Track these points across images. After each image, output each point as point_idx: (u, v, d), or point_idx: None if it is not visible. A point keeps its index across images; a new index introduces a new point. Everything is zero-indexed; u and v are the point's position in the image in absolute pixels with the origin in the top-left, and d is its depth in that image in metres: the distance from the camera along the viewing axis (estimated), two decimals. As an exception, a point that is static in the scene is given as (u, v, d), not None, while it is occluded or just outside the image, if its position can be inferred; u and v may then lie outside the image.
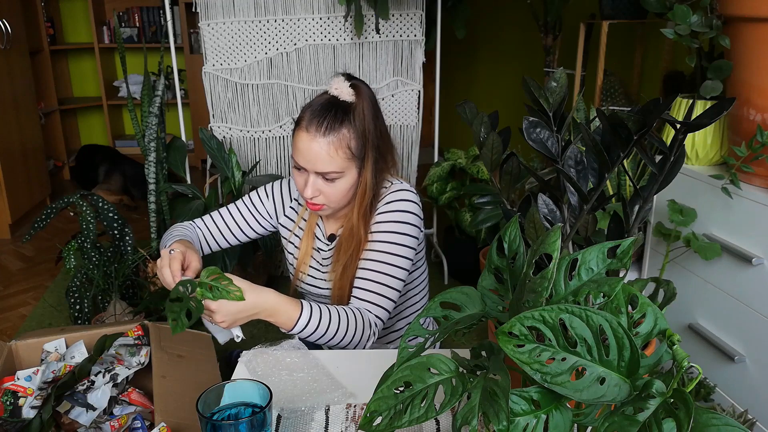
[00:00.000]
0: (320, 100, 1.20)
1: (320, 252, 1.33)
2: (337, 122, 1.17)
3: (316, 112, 1.17)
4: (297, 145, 1.19)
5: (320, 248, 1.33)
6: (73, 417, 1.31)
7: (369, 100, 1.22)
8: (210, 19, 2.45)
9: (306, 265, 1.34)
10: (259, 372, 1.04)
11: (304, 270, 1.35)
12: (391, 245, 1.21)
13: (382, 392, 0.63)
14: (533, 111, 0.78)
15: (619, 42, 2.41)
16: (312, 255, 1.34)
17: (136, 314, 2.22)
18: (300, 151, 1.18)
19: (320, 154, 1.16)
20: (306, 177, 1.19)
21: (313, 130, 1.16)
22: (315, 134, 1.16)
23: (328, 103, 1.18)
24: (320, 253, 1.33)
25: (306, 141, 1.17)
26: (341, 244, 1.26)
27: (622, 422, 0.51)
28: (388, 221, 1.22)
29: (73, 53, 4.67)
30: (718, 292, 1.57)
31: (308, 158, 1.17)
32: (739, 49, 1.47)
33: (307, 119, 1.18)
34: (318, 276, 1.35)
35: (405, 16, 2.59)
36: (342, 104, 1.18)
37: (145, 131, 2.36)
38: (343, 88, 1.19)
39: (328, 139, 1.16)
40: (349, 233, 1.25)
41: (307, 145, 1.17)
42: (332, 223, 1.33)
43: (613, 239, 0.70)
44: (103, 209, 2.33)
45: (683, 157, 0.75)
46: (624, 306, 0.61)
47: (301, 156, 1.18)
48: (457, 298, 0.72)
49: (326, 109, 1.18)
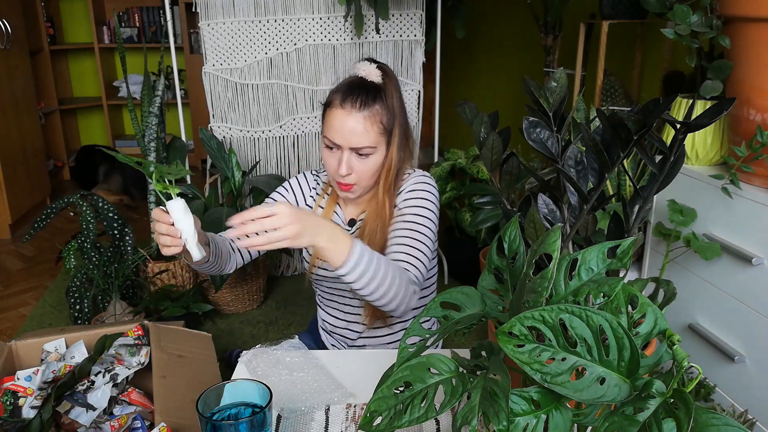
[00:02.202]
0: (350, 80, 1.24)
1: None
2: (370, 98, 1.21)
3: (349, 91, 1.21)
4: (331, 122, 1.21)
5: None
6: (73, 417, 1.31)
7: (395, 80, 1.27)
8: (210, 19, 2.45)
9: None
10: (259, 372, 1.04)
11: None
12: (419, 217, 1.24)
13: (382, 392, 0.63)
14: (533, 111, 0.78)
15: (619, 42, 2.41)
16: None
17: (136, 314, 2.22)
18: (334, 127, 1.20)
19: (356, 128, 1.20)
20: (339, 155, 1.22)
21: (348, 105, 1.20)
22: (351, 109, 1.19)
23: (360, 83, 1.22)
24: None
25: (341, 117, 1.20)
26: (366, 226, 1.29)
27: (622, 422, 0.51)
28: (416, 198, 1.27)
29: (73, 53, 4.67)
30: (718, 292, 1.57)
31: (344, 133, 1.20)
32: (739, 49, 1.47)
33: (340, 97, 1.21)
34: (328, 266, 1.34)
35: (405, 16, 2.59)
36: (372, 84, 1.23)
37: (145, 131, 2.36)
38: (371, 70, 1.24)
39: (363, 113, 1.20)
40: (375, 213, 1.27)
41: (343, 120, 1.20)
42: (351, 209, 1.35)
43: (613, 239, 0.70)
44: (103, 209, 2.33)
45: (683, 157, 0.75)
46: (624, 306, 0.61)
47: (336, 132, 1.20)
48: (457, 298, 0.72)
49: (359, 87, 1.22)
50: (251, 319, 2.52)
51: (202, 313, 2.32)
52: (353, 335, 1.41)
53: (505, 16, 3.44)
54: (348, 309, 1.39)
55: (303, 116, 2.64)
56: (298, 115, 2.63)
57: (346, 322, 1.41)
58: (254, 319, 2.52)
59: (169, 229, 0.96)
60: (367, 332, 1.40)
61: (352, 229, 1.34)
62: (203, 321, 2.43)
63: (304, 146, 2.71)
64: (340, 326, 1.42)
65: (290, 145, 2.69)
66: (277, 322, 2.49)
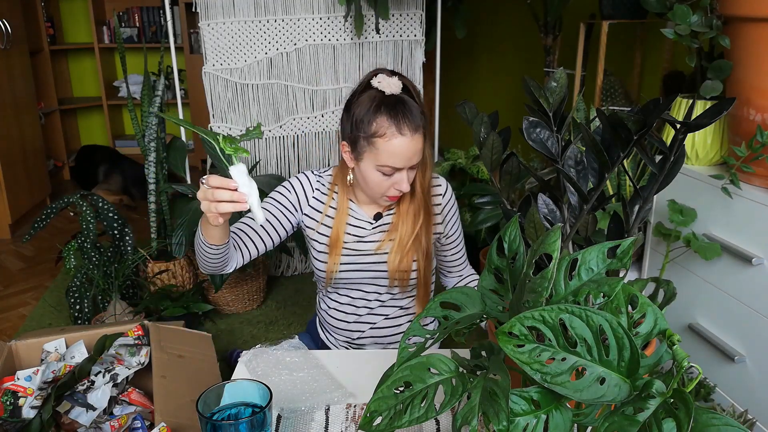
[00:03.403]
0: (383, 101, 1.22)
1: (356, 235, 1.35)
2: (416, 116, 1.22)
3: (397, 116, 1.21)
4: (392, 152, 1.21)
5: (359, 229, 1.35)
6: (73, 417, 1.31)
7: (412, 83, 1.28)
8: (210, 19, 2.45)
9: (339, 249, 1.35)
10: (259, 372, 1.04)
11: (339, 253, 1.36)
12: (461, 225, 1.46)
13: (382, 392, 0.63)
14: (533, 111, 0.78)
15: (619, 42, 2.41)
16: (344, 240, 1.35)
17: (136, 314, 2.22)
18: (398, 155, 1.21)
19: (416, 150, 1.23)
20: (397, 176, 1.24)
21: (407, 131, 1.21)
22: (412, 135, 1.21)
23: (396, 101, 1.22)
24: (356, 236, 1.35)
25: (405, 144, 1.21)
26: (399, 220, 1.33)
27: (622, 422, 0.51)
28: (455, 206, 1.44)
29: (73, 53, 4.67)
30: (718, 292, 1.57)
31: (407, 158, 1.22)
32: (739, 49, 1.47)
33: (393, 125, 1.20)
34: (354, 259, 1.35)
35: (405, 16, 2.59)
36: (404, 97, 1.23)
37: (145, 131, 2.36)
38: (392, 82, 1.23)
39: (419, 132, 1.22)
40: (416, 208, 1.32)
41: (406, 147, 1.21)
42: (370, 206, 1.37)
43: (613, 239, 0.70)
44: (103, 209, 2.33)
45: (683, 157, 0.75)
46: (624, 306, 0.61)
47: (400, 159, 1.22)
48: (457, 298, 0.72)
49: (401, 107, 1.21)
50: (251, 319, 2.52)
51: (202, 313, 2.32)
52: (356, 334, 1.41)
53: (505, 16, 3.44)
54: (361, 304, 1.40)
55: (303, 116, 2.64)
56: (298, 115, 2.63)
57: (356, 316, 1.40)
58: (254, 319, 2.52)
59: (233, 194, 0.94)
60: (369, 331, 1.41)
61: (377, 223, 1.35)
62: (203, 321, 2.43)
63: (304, 146, 2.71)
64: (345, 327, 1.41)
65: (290, 145, 2.69)
66: (277, 322, 2.49)
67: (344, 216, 1.35)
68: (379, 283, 1.37)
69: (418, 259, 1.34)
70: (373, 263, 1.35)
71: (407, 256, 1.33)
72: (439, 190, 1.39)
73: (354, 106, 1.24)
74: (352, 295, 1.40)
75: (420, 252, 1.33)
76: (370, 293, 1.39)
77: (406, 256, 1.32)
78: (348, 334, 1.42)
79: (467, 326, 0.69)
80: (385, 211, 1.36)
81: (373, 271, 1.35)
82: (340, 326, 1.42)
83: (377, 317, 1.40)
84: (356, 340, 1.42)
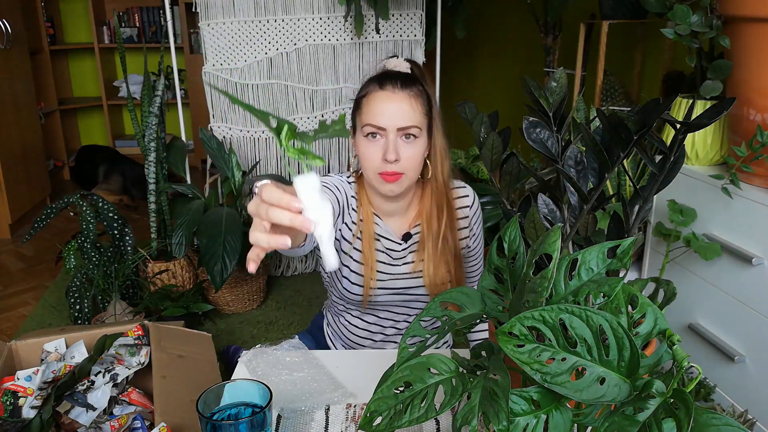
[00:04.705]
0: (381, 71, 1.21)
1: (388, 254, 1.29)
2: (409, 80, 1.19)
3: (386, 76, 1.18)
4: (372, 107, 1.16)
5: (390, 251, 1.29)
6: (73, 417, 1.31)
7: (423, 70, 1.25)
8: (210, 19, 2.45)
9: (374, 268, 1.27)
10: (259, 372, 1.04)
11: (374, 273, 1.28)
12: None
13: (382, 392, 0.63)
14: (533, 111, 0.78)
15: (619, 42, 2.41)
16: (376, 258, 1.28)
17: (136, 314, 2.22)
18: (378, 110, 1.16)
19: (402, 106, 1.16)
20: (384, 142, 1.16)
21: (389, 87, 1.16)
22: (393, 89, 1.16)
23: (393, 72, 1.20)
24: (388, 256, 1.29)
25: (384, 98, 1.16)
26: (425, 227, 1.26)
27: (622, 422, 0.51)
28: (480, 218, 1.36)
29: (73, 53, 4.67)
30: (718, 292, 1.57)
31: (389, 113, 1.15)
32: (739, 49, 1.47)
33: (378, 83, 1.17)
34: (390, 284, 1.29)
35: (405, 16, 2.59)
36: (405, 73, 1.21)
37: (145, 131, 2.36)
38: (399, 62, 1.22)
39: (406, 92, 1.17)
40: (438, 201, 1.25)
41: (387, 100, 1.16)
42: (398, 222, 1.29)
43: (613, 239, 0.70)
44: (103, 209, 2.33)
45: (683, 157, 0.75)
46: (624, 306, 0.61)
47: (381, 114, 1.15)
48: (457, 298, 0.72)
49: (394, 74, 1.19)
50: (251, 319, 2.52)
51: (202, 313, 2.32)
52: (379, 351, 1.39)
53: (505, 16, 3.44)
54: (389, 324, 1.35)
55: (303, 116, 2.64)
56: (298, 115, 2.63)
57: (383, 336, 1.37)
58: (254, 319, 2.52)
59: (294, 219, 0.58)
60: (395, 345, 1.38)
61: (406, 244, 1.28)
62: (203, 321, 2.43)
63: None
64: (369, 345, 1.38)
65: (290, 145, 2.69)
66: (277, 322, 2.49)
67: (371, 227, 1.26)
68: (413, 305, 1.32)
69: (449, 262, 1.26)
70: (409, 288, 1.29)
71: (441, 264, 1.25)
72: (466, 201, 1.31)
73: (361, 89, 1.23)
74: (381, 315, 1.34)
75: (449, 255, 1.26)
76: (401, 314, 1.34)
77: (439, 264, 1.25)
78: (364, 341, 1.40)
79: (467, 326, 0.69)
80: (412, 228, 1.28)
81: (410, 294, 1.29)
82: (362, 343, 1.38)
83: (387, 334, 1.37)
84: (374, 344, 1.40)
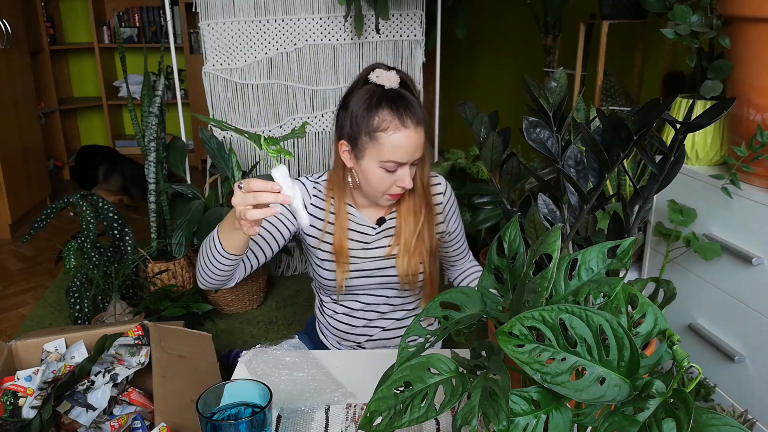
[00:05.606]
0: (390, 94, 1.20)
1: (361, 241, 1.33)
2: (418, 108, 1.21)
3: (398, 109, 1.19)
4: (395, 145, 1.19)
5: (363, 235, 1.33)
6: (73, 417, 1.31)
7: (410, 77, 1.26)
8: (210, 19, 2.45)
9: (346, 257, 1.32)
10: (259, 372, 1.04)
11: (346, 261, 1.33)
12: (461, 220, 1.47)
13: (382, 392, 0.63)
14: (533, 111, 0.77)
15: (619, 42, 2.41)
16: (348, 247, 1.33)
17: (136, 314, 2.22)
18: (402, 149, 1.20)
19: (418, 141, 1.21)
20: (401, 172, 1.22)
21: (410, 124, 1.19)
22: (415, 128, 1.20)
23: (396, 95, 1.20)
24: (360, 242, 1.33)
25: (407, 137, 1.19)
26: (402, 221, 1.31)
27: (622, 422, 0.51)
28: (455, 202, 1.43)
29: (73, 53, 4.67)
30: (718, 292, 1.57)
31: (411, 151, 1.21)
32: (739, 49, 1.47)
33: (395, 119, 1.18)
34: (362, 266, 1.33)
35: (405, 16, 2.59)
36: (403, 91, 1.22)
37: (145, 131, 2.36)
38: (390, 76, 1.22)
39: (421, 126, 1.21)
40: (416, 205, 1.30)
41: (409, 140, 1.19)
42: (374, 212, 1.34)
43: (613, 239, 0.70)
44: (103, 209, 2.33)
45: (683, 157, 0.75)
46: (624, 306, 0.61)
47: (404, 153, 1.20)
48: (457, 298, 0.72)
49: (402, 101, 1.20)
50: (251, 319, 2.52)
51: (202, 313, 2.32)
52: (364, 338, 1.40)
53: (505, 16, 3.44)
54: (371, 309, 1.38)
55: (303, 116, 2.64)
56: (298, 115, 2.63)
57: (366, 321, 1.39)
58: (254, 319, 2.52)
59: (276, 197, 0.93)
60: (380, 333, 1.40)
61: (380, 228, 1.33)
62: (203, 321, 2.43)
63: (304, 146, 2.71)
64: (353, 332, 1.40)
65: (290, 145, 2.69)
66: (277, 322, 2.49)
67: (344, 222, 1.31)
68: (389, 287, 1.36)
69: (423, 258, 1.32)
70: (381, 269, 1.33)
71: (414, 257, 1.31)
72: (438, 189, 1.38)
73: (352, 103, 1.21)
74: (361, 300, 1.38)
75: (425, 251, 1.32)
76: (379, 297, 1.37)
77: (413, 256, 1.31)
78: (355, 338, 1.41)
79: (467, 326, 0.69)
80: (387, 213, 1.34)
81: (383, 276, 1.34)
82: (349, 331, 1.40)
83: (387, 321, 1.39)
84: (364, 344, 1.41)
